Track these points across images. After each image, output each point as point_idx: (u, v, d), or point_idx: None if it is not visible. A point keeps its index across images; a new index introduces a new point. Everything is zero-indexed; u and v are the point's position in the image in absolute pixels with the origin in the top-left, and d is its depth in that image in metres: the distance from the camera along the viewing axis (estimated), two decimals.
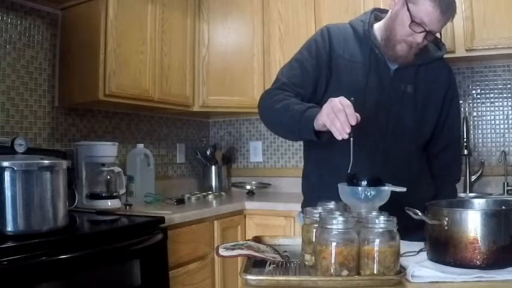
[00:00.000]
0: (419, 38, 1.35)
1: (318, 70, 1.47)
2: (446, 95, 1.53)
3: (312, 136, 1.30)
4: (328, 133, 1.22)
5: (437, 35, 1.53)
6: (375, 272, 0.92)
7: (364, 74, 1.46)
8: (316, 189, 1.52)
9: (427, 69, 1.49)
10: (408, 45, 1.39)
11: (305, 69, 1.49)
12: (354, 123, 1.14)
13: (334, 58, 1.48)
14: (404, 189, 1.11)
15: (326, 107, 1.20)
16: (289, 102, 1.39)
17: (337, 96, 1.29)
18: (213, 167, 3.20)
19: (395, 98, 1.45)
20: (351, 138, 1.16)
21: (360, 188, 1.12)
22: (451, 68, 1.58)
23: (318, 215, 1.08)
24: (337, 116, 1.15)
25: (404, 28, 1.37)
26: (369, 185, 1.12)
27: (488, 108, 2.70)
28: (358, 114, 1.17)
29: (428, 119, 1.50)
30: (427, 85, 1.49)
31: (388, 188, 1.12)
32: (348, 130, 1.15)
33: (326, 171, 1.50)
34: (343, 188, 1.16)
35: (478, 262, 0.98)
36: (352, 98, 1.18)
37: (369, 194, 1.11)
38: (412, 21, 1.34)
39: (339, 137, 1.16)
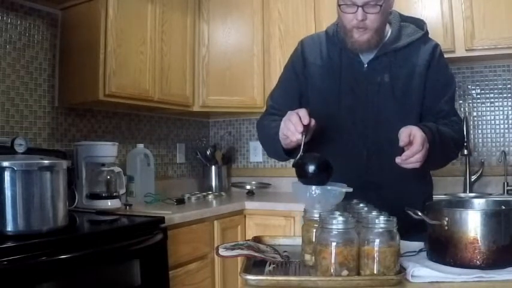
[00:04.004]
0: (359, 15, 1.33)
1: (298, 83, 1.53)
2: (428, 71, 1.43)
3: (284, 156, 1.39)
4: (295, 150, 1.28)
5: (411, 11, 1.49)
6: (375, 272, 0.92)
7: (336, 76, 1.47)
8: None
9: (406, 52, 1.44)
10: (358, 27, 1.36)
11: (287, 85, 1.57)
12: (306, 122, 1.21)
13: (307, 67, 1.52)
14: (351, 190, 1.11)
15: (284, 120, 1.29)
16: (269, 127, 1.45)
17: (316, 103, 1.46)
18: (213, 167, 3.20)
19: (371, 91, 1.43)
20: (303, 137, 1.22)
21: (305, 187, 1.13)
22: (436, 44, 1.47)
23: (318, 215, 1.08)
24: (290, 119, 1.24)
25: (343, 15, 1.37)
26: (317, 170, 1.13)
27: (488, 108, 2.70)
28: (313, 120, 1.24)
29: (411, 104, 1.43)
30: (407, 69, 1.43)
31: (331, 188, 1.11)
32: (300, 129, 1.21)
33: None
34: (293, 187, 1.17)
35: (478, 262, 0.98)
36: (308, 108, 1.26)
37: (313, 193, 1.10)
38: (340, 4, 1.35)
39: (293, 138, 1.24)
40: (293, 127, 1.23)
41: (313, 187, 1.11)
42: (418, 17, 1.57)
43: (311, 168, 1.13)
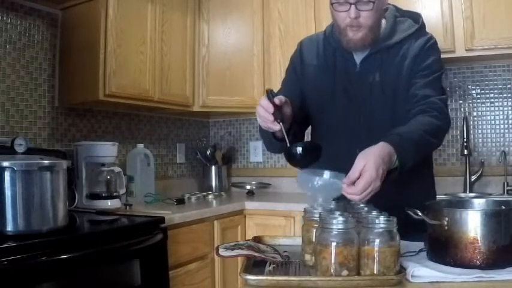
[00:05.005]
0: (352, 13, 1.32)
1: (298, 83, 1.53)
2: (414, 64, 1.39)
3: (274, 140, 1.38)
4: (281, 133, 1.29)
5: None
6: (375, 272, 0.92)
7: (331, 76, 1.47)
8: None
9: (398, 49, 1.41)
10: (351, 26, 1.35)
11: (290, 86, 1.57)
12: (271, 110, 1.22)
13: (305, 67, 1.53)
14: None
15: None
16: None
17: (312, 102, 1.48)
18: (213, 167, 3.20)
19: (364, 91, 1.43)
20: (281, 123, 1.23)
21: (309, 177, 1.13)
22: (429, 37, 1.43)
23: (318, 215, 1.08)
24: (258, 112, 1.27)
25: (336, 14, 1.37)
26: (304, 151, 1.18)
27: (488, 108, 2.70)
28: (280, 98, 1.24)
29: (400, 102, 1.39)
30: (397, 67, 1.40)
31: (333, 181, 1.11)
32: (271, 118, 1.23)
33: (325, 167, 1.49)
34: (298, 176, 1.19)
35: (478, 262, 0.98)
36: (269, 89, 1.27)
37: (316, 184, 1.11)
38: (332, 3, 1.35)
39: (273, 128, 1.26)
40: (264, 121, 1.25)
41: (317, 178, 1.11)
42: None
43: (298, 149, 1.19)
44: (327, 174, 1.13)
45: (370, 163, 1.10)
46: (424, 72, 1.38)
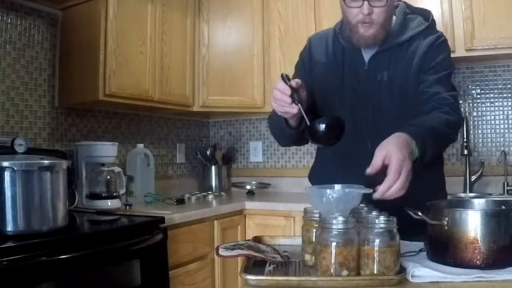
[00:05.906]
0: (364, 9, 1.30)
1: (307, 79, 1.50)
2: (423, 63, 1.38)
3: (288, 129, 1.35)
4: (295, 120, 1.29)
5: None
6: (375, 272, 0.92)
7: (339, 75, 1.46)
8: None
9: (407, 47, 1.40)
10: (363, 22, 1.34)
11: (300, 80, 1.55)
12: (288, 93, 1.20)
13: (313, 64, 1.52)
14: (371, 191, 1.04)
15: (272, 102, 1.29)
16: (277, 114, 1.42)
17: (319, 101, 1.45)
18: (213, 167, 3.20)
19: (371, 90, 1.41)
20: (299, 104, 1.21)
21: (321, 192, 1.05)
22: (439, 35, 1.42)
23: (318, 215, 1.08)
24: (274, 96, 1.24)
25: (348, 9, 1.35)
26: (328, 127, 1.13)
27: (488, 108, 2.70)
28: (296, 81, 1.23)
29: (408, 101, 1.38)
30: (405, 66, 1.39)
31: (349, 191, 1.04)
32: (288, 100, 1.20)
33: (334, 166, 1.48)
34: (308, 193, 1.11)
35: (478, 262, 0.98)
36: (283, 73, 1.25)
37: (330, 197, 1.03)
38: None
39: (291, 111, 1.22)
40: (281, 105, 1.22)
41: (328, 191, 1.03)
42: None
43: (321, 126, 1.14)
44: (338, 187, 1.07)
45: (391, 148, 1.05)
46: (433, 70, 1.37)
